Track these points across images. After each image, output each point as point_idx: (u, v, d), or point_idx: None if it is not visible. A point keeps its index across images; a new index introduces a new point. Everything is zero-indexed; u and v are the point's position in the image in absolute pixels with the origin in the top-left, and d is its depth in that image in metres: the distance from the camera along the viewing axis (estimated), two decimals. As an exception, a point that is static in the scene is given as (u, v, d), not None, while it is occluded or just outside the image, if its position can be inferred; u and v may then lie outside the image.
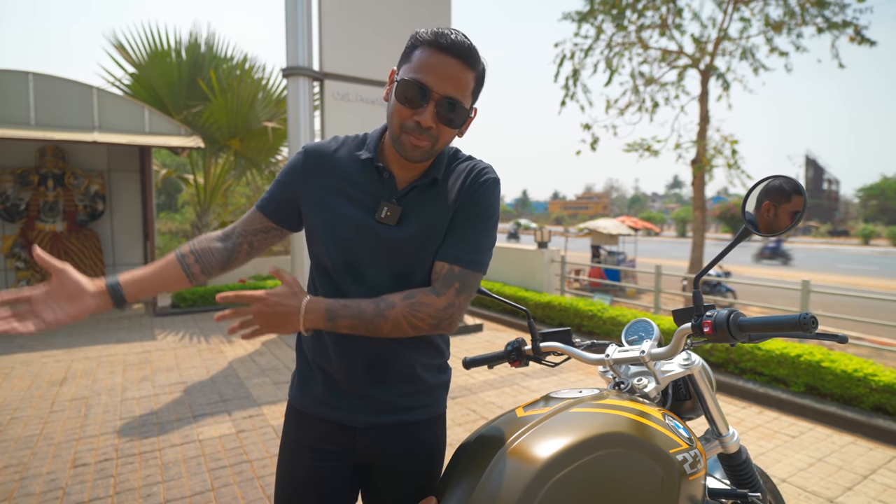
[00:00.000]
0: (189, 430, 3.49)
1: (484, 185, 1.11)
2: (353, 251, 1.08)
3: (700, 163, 10.90)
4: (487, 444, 1.02)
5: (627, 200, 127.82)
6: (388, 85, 1.08)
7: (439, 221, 1.10)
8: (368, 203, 1.09)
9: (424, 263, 1.10)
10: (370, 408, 1.13)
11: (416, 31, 1.03)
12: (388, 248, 1.08)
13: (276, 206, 1.16)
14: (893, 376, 3.63)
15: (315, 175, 1.11)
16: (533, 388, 4.39)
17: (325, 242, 1.09)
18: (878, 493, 2.77)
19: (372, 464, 1.17)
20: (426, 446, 1.20)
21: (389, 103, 1.05)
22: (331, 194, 1.10)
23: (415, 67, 0.99)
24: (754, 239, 26.46)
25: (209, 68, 8.17)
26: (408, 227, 1.08)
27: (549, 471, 0.92)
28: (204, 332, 6.41)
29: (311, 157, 1.13)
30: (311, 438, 1.15)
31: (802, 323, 0.94)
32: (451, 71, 0.98)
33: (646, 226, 18.13)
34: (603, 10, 11.35)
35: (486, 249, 1.10)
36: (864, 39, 9.68)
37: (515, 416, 1.10)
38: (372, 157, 1.09)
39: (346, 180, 1.10)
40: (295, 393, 1.20)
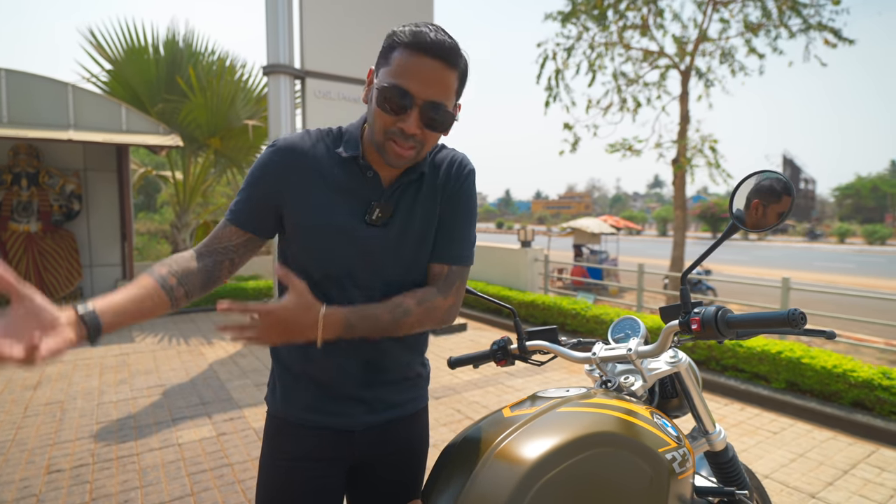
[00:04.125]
0: (168, 433, 3.41)
1: (467, 179, 1.13)
2: (344, 257, 1.03)
3: (680, 162, 11.04)
4: (474, 446, 1.00)
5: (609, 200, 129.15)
6: (366, 86, 1.02)
7: (429, 219, 1.10)
8: (355, 205, 1.04)
9: (418, 264, 1.10)
10: (367, 408, 1.11)
11: (393, 29, 0.97)
12: (383, 252, 1.05)
13: (251, 214, 1.05)
14: (871, 372, 3.70)
15: (292, 173, 1.02)
16: (517, 388, 4.38)
17: (311, 248, 1.04)
18: (858, 487, 2.82)
19: (365, 464, 1.15)
20: (417, 438, 1.21)
21: (370, 108, 1.00)
22: (314, 196, 1.02)
23: (395, 72, 0.93)
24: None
25: (188, 66, 8.02)
26: (401, 229, 1.06)
27: (538, 472, 0.90)
28: (183, 334, 6.28)
29: (285, 154, 1.03)
30: (304, 449, 1.09)
31: (791, 319, 0.94)
32: (434, 73, 0.93)
33: (628, 225, 18.32)
34: (585, 10, 11.43)
35: (473, 242, 1.15)
36: (841, 38, 9.88)
37: (502, 416, 1.07)
38: (356, 155, 1.03)
39: (327, 180, 1.03)
40: (277, 403, 1.13)
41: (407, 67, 0.92)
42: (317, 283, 1.05)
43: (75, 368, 4.84)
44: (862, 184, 61.96)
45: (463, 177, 1.11)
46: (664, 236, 52.73)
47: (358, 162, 1.04)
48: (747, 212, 1.12)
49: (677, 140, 11.20)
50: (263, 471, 1.14)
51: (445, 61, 0.93)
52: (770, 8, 10.37)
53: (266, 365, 4.98)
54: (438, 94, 0.94)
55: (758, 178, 1.09)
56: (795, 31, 10.24)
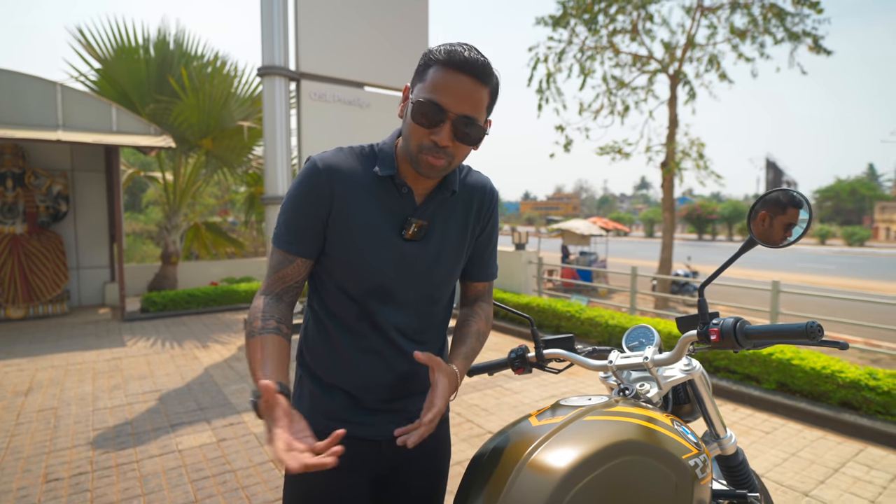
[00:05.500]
0: (167, 439, 3.39)
1: (496, 204, 1.23)
2: (386, 273, 1.06)
3: (669, 165, 11.20)
4: (505, 456, 1.02)
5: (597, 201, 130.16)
6: (402, 102, 1.06)
7: (462, 236, 1.16)
8: (392, 221, 1.07)
9: (452, 279, 1.17)
10: (395, 419, 1.13)
11: (428, 48, 1.01)
12: (421, 266, 1.09)
13: (313, 241, 1.06)
14: (858, 373, 3.80)
15: (336, 190, 1.04)
16: (515, 390, 4.42)
17: (354, 266, 1.05)
18: (848, 485, 2.90)
19: (390, 475, 1.17)
20: (441, 449, 1.25)
21: (405, 122, 1.04)
22: (356, 212, 1.05)
23: (429, 87, 0.97)
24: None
25: (179, 66, 7.95)
26: (436, 244, 1.11)
27: (570, 481, 0.93)
28: (176, 338, 6.23)
29: (329, 171, 1.05)
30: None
31: (810, 331, 0.98)
32: (466, 89, 0.97)
33: (616, 226, 18.51)
34: (575, 14, 11.54)
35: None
36: (821, 49, 10.12)
37: (530, 425, 1.10)
38: (393, 175, 1.06)
39: (366, 196, 1.06)
40: (303, 411, 1.12)
41: (441, 83, 0.96)
42: (356, 300, 1.07)
43: (67, 374, 4.77)
44: (841, 187, 63.27)
45: (495, 202, 1.22)
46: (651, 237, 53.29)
47: (394, 180, 1.07)
48: (754, 224, 1.16)
49: (666, 143, 11.37)
50: (291, 482, 1.15)
51: (478, 78, 0.97)
52: (756, 15, 10.57)
53: (262, 369, 4.95)
54: (471, 109, 0.98)
55: (776, 196, 1.12)
56: (780, 37, 10.44)
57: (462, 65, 0.95)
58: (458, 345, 1.18)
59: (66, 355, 5.39)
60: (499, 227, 1.27)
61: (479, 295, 1.28)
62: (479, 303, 1.27)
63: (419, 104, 0.97)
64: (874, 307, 10.66)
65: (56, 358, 5.29)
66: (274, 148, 6.42)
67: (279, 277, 1.06)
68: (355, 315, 1.09)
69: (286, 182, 6.53)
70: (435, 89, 0.96)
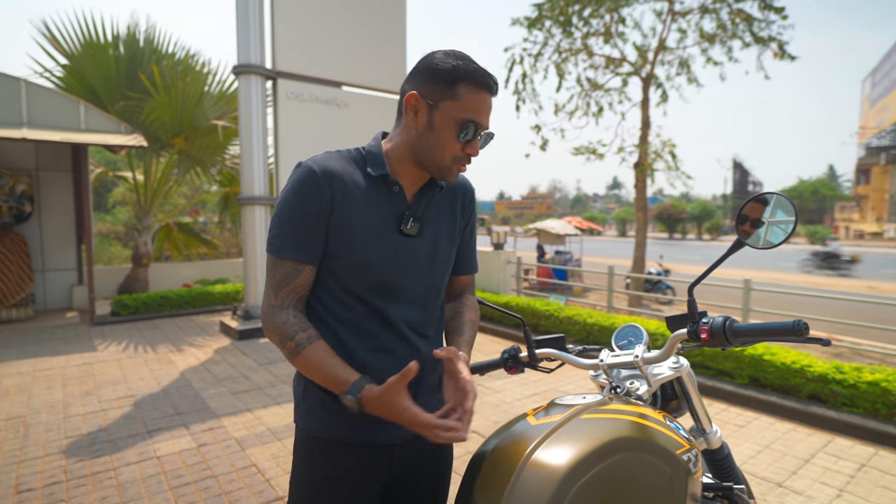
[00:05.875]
0: (144, 446, 3.31)
1: (475, 200, 1.31)
2: (391, 267, 1.09)
3: (643, 166, 11.43)
4: (506, 454, 1.04)
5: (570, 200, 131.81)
6: (412, 111, 1.06)
7: (453, 230, 1.23)
8: (389, 218, 1.10)
9: (449, 270, 1.23)
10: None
11: (450, 62, 1.03)
12: (422, 259, 1.13)
13: (317, 247, 1.07)
14: (826, 367, 3.96)
15: (335, 191, 1.06)
16: (497, 389, 4.46)
17: (360, 263, 1.07)
18: (818, 475, 3.02)
19: (400, 478, 1.18)
20: (446, 450, 1.27)
21: (432, 133, 1.05)
22: (356, 211, 1.07)
23: (469, 108, 1.04)
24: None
25: (150, 63, 7.75)
26: (431, 237, 1.16)
27: (572, 478, 0.95)
28: (149, 341, 6.07)
29: (327, 176, 1.05)
30: (346, 466, 1.10)
31: (796, 329, 1.02)
32: (490, 107, 1.08)
33: (590, 226, 18.81)
34: (550, 16, 11.67)
35: None
36: (785, 54, 10.47)
37: (529, 424, 1.12)
38: (385, 174, 1.10)
39: (363, 197, 1.09)
40: (314, 422, 1.13)
41: (477, 104, 1.05)
42: (363, 299, 1.09)
43: (34, 380, 4.61)
44: (804, 187, 65.58)
45: (474, 199, 1.30)
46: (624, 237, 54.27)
47: (386, 179, 1.11)
48: (742, 227, 1.21)
49: (639, 144, 11.59)
50: (298, 489, 1.15)
51: (495, 93, 1.09)
52: (724, 20, 10.87)
53: (241, 372, 4.88)
54: (489, 122, 1.10)
55: (762, 199, 1.17)
56: (747, 42, 10.76)
57: (490, 86, 1.06)
58: (456, 334, 1.23)
59: (34, 361, 5.20)
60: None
61: (465, 288, 1.35)
62: (465, 295, 1.34)
63: (463, 123, 1.04)
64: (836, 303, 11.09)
65: (22, 364, 5.10)
66: (250, 148, 6.32)
67: (293, 289, 1.06)
68: (364, 314, 1.10)
69: (263, 182, 6.44)
70: (473, 110, 1.05)
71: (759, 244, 1.17)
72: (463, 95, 1.03)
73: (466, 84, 1.03)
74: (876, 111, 61.21)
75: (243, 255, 6.54)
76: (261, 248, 6.47)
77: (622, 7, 11.29)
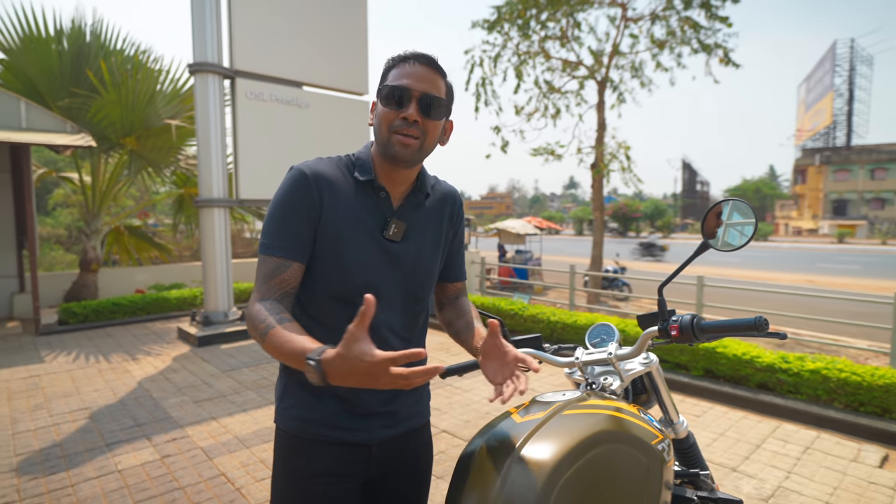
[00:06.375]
0: (104, 460, 3.18)
1: (462, 210, 1.35)
2: (373, 271, 1.12)
3: (599, 167, 11.78)
4: (494, 453, 1.08)
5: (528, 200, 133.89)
6: (371, 114, 1.16)
7: (438, 238, 1.25)
8: (374, 222, 1.13)
9: (433, 277, 1.24)
10: (384, 422, 1.18)
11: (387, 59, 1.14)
12: (404, 264, 1.15)
13: (304, 245, 1.09)
14: (773, 358, 4.21)
15: (323, 194, 1.09)
16: (465, 389, 4.51)
17: (345, 264, 1.10)
18: (769, 459, 3.22)
19: (379, 478, 1.21)
20: (425, 450, 1.30)
21: (375, 121, 1.12)
22: (343, 214, 1.10)
23: (392, 79, 1.09)
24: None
25: (97, 59, 7.39)
26: (415, 243, 1.18)
27: (558, 472, 1.00)
28: (102, 350, 5.81)
29: (317, 179, 1.09)
30: (324, 464, 1.13)
31: (758, 325, 1.11)
32: (424, 73, 1.09)
33: (550, 225, 19.19)
34: (509, 19, 11.86)
35: None
36: (730, 61, 11.02)
37: (514, 422, 1.16)
38: (372, 179, 1.13)
39: (350, 201, 1.12)
40: (292, 421, 1.16)
41: (402, 72, 1.09)
42: (346, 301, 1.11)
43: (-24, 395, 4.34)
44: (747, 186, 69.01)
45: (461, 208, 1.33)
46: (581, 235, 55.58)
47: (373, 184, 1.14)
48: (708, 231, 1.30)
49: (595, 146, 11.94)
50: (278, 488, 1.17)
51: (431, 66, 1.10)
52: (673, 27, 11.34)
53: (202, 379, 4.74)
54: (431, 89, 1.09)
55: (724, 205, 1.26)
56: (695, 48, 11.26)
57: (418, 57, 1.10)
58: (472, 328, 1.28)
59: (-26, 375, 4.89)
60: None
61: (459, 292, 1.41)
62: (461, 298, 1.40)
63: (386, 89, 1.08)
64: (778, 296, 11.75)
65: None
66: (208, 148, 6.15)
67: (277, 283, 1.06)
68: (347, 319, 1.09)
69: (222, 184, 6.27)
70: (397, 77, 1.09)
71: (719, 245, 1.26)
72: (390, 75, 1.10)
73: (395, 66, 1.10)
74: (811, 115, 65.08)
75: (202, 259, 6.35)
76: (220, 251, 6.30)
77: (577, 12, 11.60)
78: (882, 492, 2.83)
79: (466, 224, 47.04)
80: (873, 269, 20.05)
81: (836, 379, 3.85)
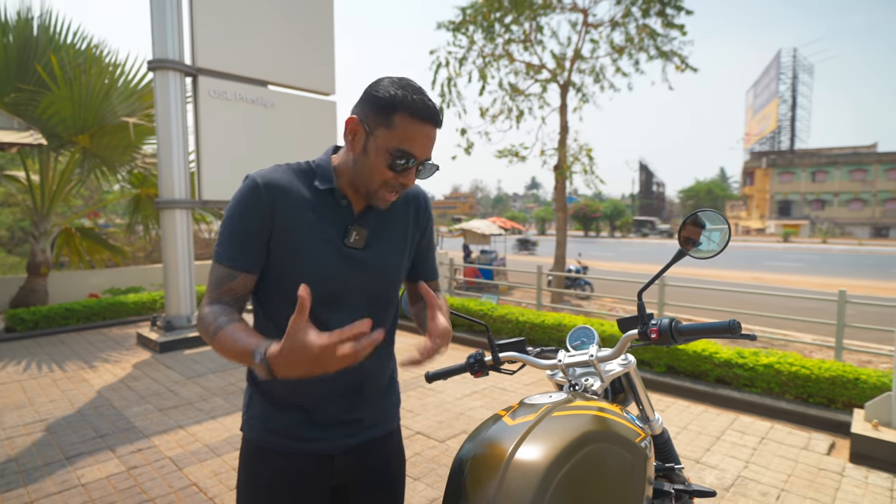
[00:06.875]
0: (65, 474, 3.05)
1: (430, 209, 1.33)
2: (334, 277, 1.11)
3: (562, 168, 12.04)
4: (489, 456, 1.11)
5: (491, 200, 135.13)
6: (350, 135, 1.08)
7: (403, 241, 1.24)
8: (334, 230, 1.12)
9: (399, 279, 1.24)
10: (346, 431, 1.18)
11: (390, 91, 1.03)
12: (367, 270, 1.15)
13: (257, 255, 1.08)
14: (729, 353, 4.43)
15: (278, 204, 1.07)
16: (438, 390, 4.55)
17: (303, 272, 1.08)
18: (728, 449, 3.40)
19: (346, 486, 1.21)
20: (394, 458, 1.30)
21: (365, 159, 1.06)
22: (301, 223, 1.09)
23: (402, 137, 1.03)
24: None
25: (46, 53, 7.04)
26: (378, 250, 1.17)
27: (552, 472, 1.05)
28: (55, 359, 5.54)
29: (270, 189, 1.07)
30: (285, 474, 1.13)
31: (732, 327, 1.19)
32: (429, 137, 1.06)
33: (514, 226, 19.45)
34: (473, 21, 11.97)
35: None
36: (687, 66, 11.47)
37: (505, 425, 1.21)
38: (332, 188, 1.12)
39: (308, 210, 1.10)
40: (256, 429, 1.16)
41: (412, 134, 1.04)
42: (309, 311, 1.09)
43: (-82, 409, 4.07)
44: (700, 187, 71.85)
45: (429, 209, 1.32)
46: (543, 235, 56.52)
47: (333, 193, 1.13)
48: (685, 238, 1.38)
49: (558, 148, 12.19)
50: (243, 497, 1.17)
51: (436, 125, 1.07)
52: (632, 33, 11.70)
53: (167, 387, 4.60)
54: (430, 153, 1.09)
55: (698, 215, 1.34)
56: (653, 55, 11.67)
57: (428, 117, 1.04)
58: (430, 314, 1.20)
59: (-87, 388, 4.59)
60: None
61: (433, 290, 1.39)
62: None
63: (395, 152, 1.03)
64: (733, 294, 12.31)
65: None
66: (169, 148, 5.96)
67: (226, 290, 1.07)
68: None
69: (184, 184, 6.09)
70: (406, 140, 1.03)
71: (695, 253, 1.33)
72: (398, 125, 1.02)
73: (402, 114, 1.02)
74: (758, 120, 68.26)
75: (163, 262, 6.15)
76: (182, 253, 6.12)
77: (540, 16, 11.82)
78: (830, 477, 3.04)
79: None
80: (815, 267, 21.26)
81: (787, 372, 4.09)
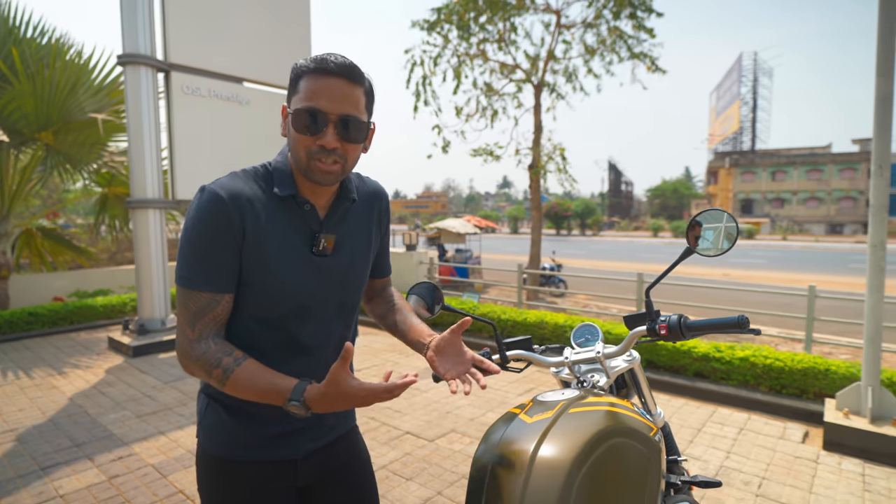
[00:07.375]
0: (41, 486, 2.93)
1: (389, 207, 1.32)
2: (306, 290, 1.07)
3: (537, 168, 12.17)
4: (510, 455, 1.11)
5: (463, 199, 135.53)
6: (282, 121, 1.06)
7: (368, 243, 1.22)
8: (301, 239, 1.07)
9: (363, 284, 1.23)
10: (312, 436, 1.17)
11: (295, 63, 1.02)
12: (336, 279, 1.12)
13: (232, 274, 1.01)
14: (707, 348, 4.56)
15: (243, 215, 1.00)
16: (423, 390, 4.54)
17: (275, 289, 1.04)
18: (709, 441, 3.50)
19: (311, 486, 1.20)
20: (356, 455, 1.29)
21: (289, 137, 1.04)
22: (267, 235, 1.02)
23: (304, 96, 0.98)
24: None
25: (6, 46, 6.73)
26: (346, 253, 1.14)
27: (576, 469, 1.06)
28: (21, 365, 5.31)
29: (235, 201, 0.99)
30: (247, 483, 1.11)
31: (741, 323, 1.23)
32: (341, 90, 0.99)
33: (488, 224, 19.58)
34: (448, 20, 11.98)
35: None
36: (658, 68, 11.75)
37: (524, 423, 1.21)
38: (294, 194, 1.06)
39: (274, 220, 1.04)
40: (213, 440, 1.11)
41: (315, 89, 0.98)
42: (273, 326, 1.07)
43: None
44: (666, 186, 73.72)
45: (388, 206, 1.30)
46: (516, 234, 56.99)
47: (296, 199, 1.06)
48: (691, 236, 1.41)
49: (532, 148, 12.31)
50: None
51: (349, 78, 1.00)
52: (604, 35, 11.91)
53: (143, 392, 4.46)
54: (349, 108, 1.00)
55: (708, 213, 1.37)
56: (624, 56, 11.90)
57: (332, 68, 0.98)
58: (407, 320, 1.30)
59: None
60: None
61: (385, 285, 1.42)
62: (387, 289, 1.42)
63: (299, 112, 0.98)
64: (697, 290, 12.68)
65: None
66: (141, 146, 5.77)
67: (211, 320, 1.01)
68: (272, 343, 1.08)
69: (157, 183, 5.91)
70: (310, 96, 0.98)
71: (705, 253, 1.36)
72: (302, 87, 0.99)
73: (306, 75, 0.99)
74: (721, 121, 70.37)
75: (136, 264, 5.95)
76: (155, 254, 5.94)
77: (514, 16, 11.91)
78: (806, 465, 3.17)
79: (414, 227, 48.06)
80: (777, 263, 22.09)
81: (762, 365, 4.24)
